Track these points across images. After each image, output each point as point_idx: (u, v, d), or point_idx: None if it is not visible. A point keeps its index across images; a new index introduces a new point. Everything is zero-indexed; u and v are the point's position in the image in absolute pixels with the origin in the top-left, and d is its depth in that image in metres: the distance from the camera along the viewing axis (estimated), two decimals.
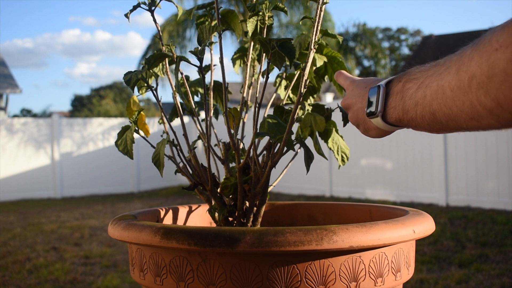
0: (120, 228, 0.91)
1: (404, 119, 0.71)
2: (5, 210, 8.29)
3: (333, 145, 1.12)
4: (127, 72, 1.05)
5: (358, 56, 19.03)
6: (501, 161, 6.43)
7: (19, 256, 4.63)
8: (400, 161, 7.69)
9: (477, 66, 0.55)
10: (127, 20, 1.07)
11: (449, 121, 0.62)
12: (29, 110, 40.11)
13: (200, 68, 1.10)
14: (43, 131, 10.55)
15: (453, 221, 5.64)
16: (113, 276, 3.90)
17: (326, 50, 1.15)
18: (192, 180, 1.12)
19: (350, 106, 0.87)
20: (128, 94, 29.63)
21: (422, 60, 12.81)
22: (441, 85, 0.61)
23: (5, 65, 16.08)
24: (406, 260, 0.90)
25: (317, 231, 0.77)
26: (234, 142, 1.08)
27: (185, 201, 8.64)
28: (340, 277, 0.80)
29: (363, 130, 0.84)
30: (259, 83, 1.20)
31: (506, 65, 0.51)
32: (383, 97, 0.75)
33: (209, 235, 0.78)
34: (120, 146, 1.07)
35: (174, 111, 1.22)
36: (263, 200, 1.08)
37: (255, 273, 0.79)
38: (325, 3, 0.97)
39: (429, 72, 0.65)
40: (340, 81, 0.94)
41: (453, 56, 0.61)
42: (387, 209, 1.12)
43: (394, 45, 33.04)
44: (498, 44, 0.52)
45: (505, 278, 3.47)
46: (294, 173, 7.54)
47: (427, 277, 3.54)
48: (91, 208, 8.36)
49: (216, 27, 1.09)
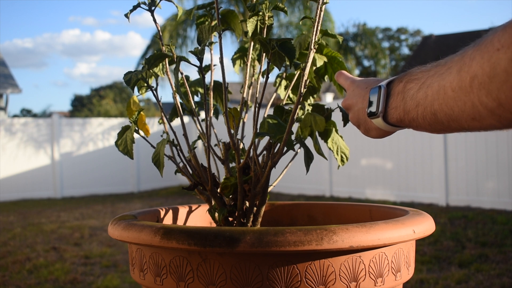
0: (120, 228, 0.91)
1: (405, 119, 0.71)
2: (5, 210, 8.29)
3: (333, 145, 1.12)
4: (127, 72, 1.05)
5: (358, 56, 19.03)
6: (501, 161, 6.43)
7: (19, 256, 4.63)
8: (400, 161, 7.69)
9: (479, 66, 0.55)
10: (127, 20, 1.08)
11: (451, 122, 0.62)
12: (29, 110, 40.11)
13: (200, 68, 1.10)
14: (43, 131, 10.55)
15: (453, 221, 5.64)
16: (113, 276, 3.90)
17: (326, 50, 1.15)
18: (192, 180, 1.12)
19: (351, 106, 0.87)
20: (128, 94, 29.61)
21: (422, 60, 12.70)
22: (443, 85, 0.61)
23: (5, 65, 16.08)
24: (406, 260, 0.90)
25: (317, 231, 0.77)
26: (234, 142, 1.08)
27: (185, 201, 8.64)
28: (340, 277, 0.80)
29: (364, 131, 0.84)
30: (259, 83, 1.20)
31: (508, 65, 0.51)
32: (384, 97, 0.74)
33: (209, 235, 0.78)
34: (120, 146, 1.07)
35: (174, 111, 1.22)
36: (263, 200, 1.08)
37: (255, 273, 0.79)
38: (325, 3, 0.97)
39: (430, 72, 0.65)
40: (340, 81, 0.94)
41: (454, 56, 0.61)
42: (387, 209, 1.12)
43: (394, 45, 33.03)
44: (499, 44, 0.52)
45: (505, 278, 3.47)
46: (294, 173, 7.54)
47: (427, 277, 3.54)
48: (91, 208, 8.36)
49: (216, 27, 1.09)
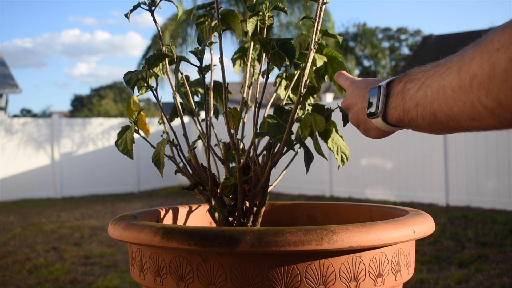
0: (120, 228, 0.91)
1: (404, 119, 0.71)
2: (5, 210, 8.29)
3: (333, 145, 1.12)
4: (127, 72, 1.05)
5: (358, 56, 19.03)
6: (501, 161, 6.43)
7: (19, 256, 4.63)
8: (400, 161, 7.69)
9: (478, 66, 0.55)
10: (126, 20, 1.08)
11: (450, 122, 0.62)
12: (29, 110, 40.13)
13: (200, 68, 1.10)
14: (43, 131, 10.55)
15: (453, 221, 5.64)
16: (113, 276, 3.89)
17: (326, 50, 1.15)
18: (192, 180, 1.12)
19: (351, 106, 0.87)
20: (128, 94, 29.62)
21: (422, 60, 12.75)
22: (442, 85, 0.61)
23: (5, 65, 16.08)
24: (406, 260, 0.90)
25: (317, 231, 0.77)
26: (234, 142, 1.08)
27: (185, 201, 8.64)
28: (340, 277, 0.80)
29: (364, 131, 0.84)
30: (259, 83, 1.19)
31: (507, 65, 0.51)
32: (384, 97, 0.74)
33: (209, 235, 0.78)
34: (120, 146, 1.07)
35: (174, 111, 1.22)
36: (263, 200, 1.08)
37: (255, 273, 0.78)
38: (325, 3, 0.97)
39: (430, 72, 0.65)
40: (340, 81, 0.94)
41: (454, 56, 0.61)
42: (387, 209, 1.12)
43: (394, 45, 33.01)
44: (499, 44, 0.52)
45: (505, 278, 3.47)
46: (294, 173, 7.54)
47: (427, 277, 3.54)
48: (91, 208, 8.36)
49: (216, 27, 1.09)
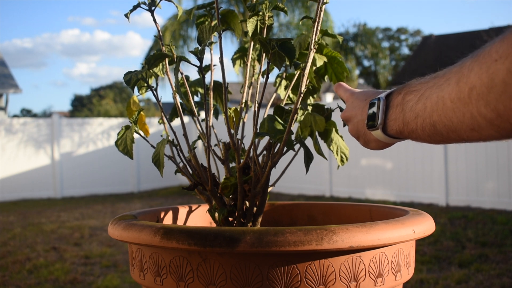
0: (120, 228, 0.91)
1: (404, 131, 0.71)
2: (5, 210, 8.29)
3: (333, 145, 1.12)
4: (127, 72, 1.05)
5: (358, 56, 19.03)
6: (501, 161, 6.44)
7: (19, 256, 4.63)
8: (400, 161, 7.69)
9: (477, 77, 0.55)
10: (126, 20, 1.08)
11: (450, 133, 0.62)
12: (29, 110, 40.15)
13: (200, 68, 1.10)
14: (43, 131, 10.54)
15: (453, 221, 5.64)
16: (113, 276, 3.90)
17: (326, 50, 1.15)
18: (192, 180, 1.12)
19: (350, 118, 0.87)
20: (128, 94, 29.62)
21: (422, 60, 12.69)
22: (441, 96, 0.61)
23: (5, 65, 16.07)
24: (406, 260, 0.90)
25: (317, 231, 0.77)
26: (234, 142, 1.08)
27: (185, 201, 8.64)
28: (340, 277, 0.80)
29: (364, 143, 0.84)
30: (259, 83, 1.20)
31: (506, 75, 0.51)
32: (383, 109, 0.75)
33: (209, 235, 0.78)
34: (120, 146, 1.07)
35: (174, 111, 1.22)
36: (263, 200, 1.08)
37: (255, 273, 0.78)
38: (325, 3, 0.97)
39: (429, 83, 0.65)
40: (339, 93, 0.94)
41: (453, 67, 0.61)
42: (387, 209, 1.12)
43: (394, 45, 32.99)
44: (497, 55, 0.52)
45: (505, 278, 3.47)
46: (294, 173, 7.51)
47: (427, 277, 3.54)
48: (91, 208, 8.36)
49: (216, 27, 1.09)
